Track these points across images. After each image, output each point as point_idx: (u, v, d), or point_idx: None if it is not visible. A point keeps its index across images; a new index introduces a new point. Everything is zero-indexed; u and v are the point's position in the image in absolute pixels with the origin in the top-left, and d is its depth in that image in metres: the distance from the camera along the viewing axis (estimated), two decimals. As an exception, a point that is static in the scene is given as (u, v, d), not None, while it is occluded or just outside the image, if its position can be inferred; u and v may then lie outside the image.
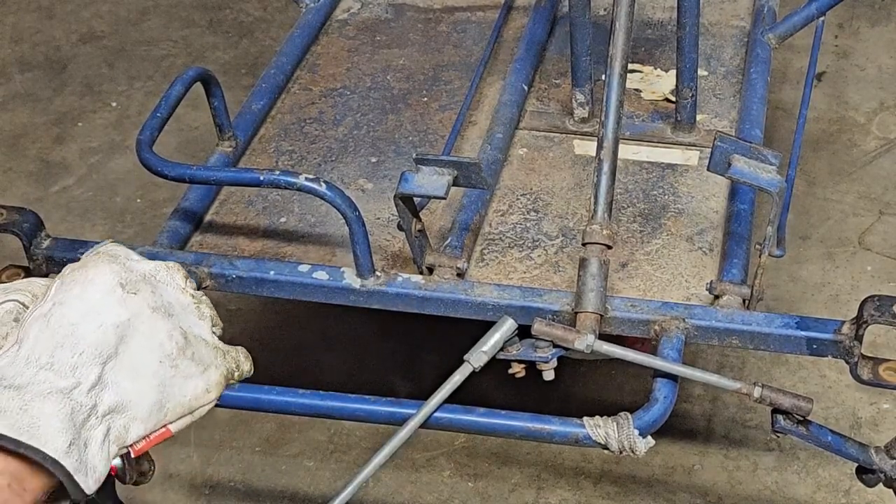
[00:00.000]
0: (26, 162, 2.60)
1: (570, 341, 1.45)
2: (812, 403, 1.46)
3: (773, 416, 1.48)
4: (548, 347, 1.47)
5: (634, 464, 1.89)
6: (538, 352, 1.47)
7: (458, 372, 1.43)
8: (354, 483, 1.38)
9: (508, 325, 1.46)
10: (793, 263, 2.19)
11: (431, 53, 2.11)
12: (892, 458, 1.49)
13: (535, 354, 1.47)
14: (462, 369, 1.44)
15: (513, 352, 1.47)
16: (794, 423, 1.48)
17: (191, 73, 1.76)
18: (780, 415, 1.48)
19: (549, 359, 1.46)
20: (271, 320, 2.17)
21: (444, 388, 1.43)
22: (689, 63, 1.81)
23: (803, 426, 1.49)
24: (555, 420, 1.46)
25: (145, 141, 1.67)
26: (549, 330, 1.46)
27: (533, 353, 1.47)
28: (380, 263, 1.68)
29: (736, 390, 1.44)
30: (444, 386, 1.43)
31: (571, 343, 1.45)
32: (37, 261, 1.68)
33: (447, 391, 1.43)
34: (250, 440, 2.00)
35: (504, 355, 1.47)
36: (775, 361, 2.05)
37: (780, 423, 1.48)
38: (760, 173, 1.52)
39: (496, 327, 1.46)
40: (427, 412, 1.43)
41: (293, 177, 1.56)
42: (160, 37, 2.94)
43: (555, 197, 1.81)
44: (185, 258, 1.67)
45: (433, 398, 1.43)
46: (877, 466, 1.49)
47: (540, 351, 1.47)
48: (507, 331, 1.46)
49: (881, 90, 2.59)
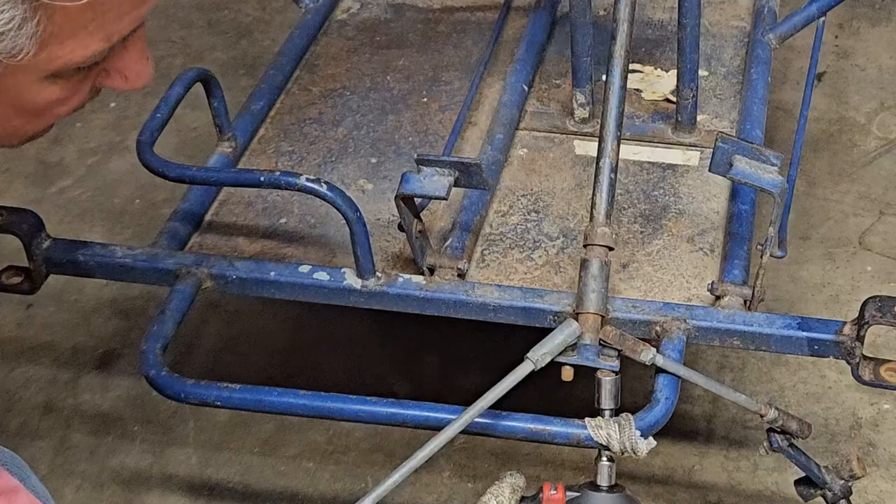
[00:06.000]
0: (24, 163, 2.59)
1: (637, 352, 1.43)
2: (811, 429, 1.55)
3: (769, 435, 1.54)
4: (614, 356, 1.44)
5: (634, 464, 1.88)
6: (604, 360, 1.44)
7: (518, 370, 1.38)
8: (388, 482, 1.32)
9: (573, 329, 1.41)
10: (793, 264, 2.19)
11: (431, 54, 2.11)
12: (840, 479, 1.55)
13: (602, 362, 1.44)
14: (522, 367, 1.38)
15: (572, 355, 1.44)
16: (788, 443, 1.55)
17: (191, 74, 1.76)
18: (776, 434, 1.54)
19: (616, 367, 1.44)
20: (271, 320, 2.17)
21: (501, 385, 1.36)
22: (689, 63, 1.81)
23: (792, 447, 1.55)
24: (556, 421, 1.46)
25: (146, 142, 1.67)
26: (621, 339, 1.44)
27: (597, 359, 1.44)
28: (380, 264, 1.68)
29: (756, 411, 1.50)
30: (501, 383, 1.36)
31: (638, 355, 1.43)
32: (36, 261, 1.68)
33: (504, 388, 1.36)
34: (249, 441, 1.99)
35: (564, 359, 1.42)
36: (775, 362, 2.05)
37: (776, 443, 1.54)
38: (762, 174, 1.52)
39: (560, 329, 1.41)
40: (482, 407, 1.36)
41: (294, 177, 1.56)
42: (158, 37, 2.93)
43: (555, 198, 1.81)
44: (185, 259, 1.67)
45: (487, 396, 1.36)
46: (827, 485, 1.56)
47: (604, 359, 1.44)
48: (572, 333, 1.41)
49: (881, 90, 2.58)
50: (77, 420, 2.04)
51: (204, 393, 1.52)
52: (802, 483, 1.59)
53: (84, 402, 2.08)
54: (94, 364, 2.14)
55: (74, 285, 2.19)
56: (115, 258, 1.68)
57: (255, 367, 2.10)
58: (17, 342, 2.19)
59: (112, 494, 1.93)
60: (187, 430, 2.02)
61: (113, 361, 2.14)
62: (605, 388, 1.44)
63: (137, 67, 1.12)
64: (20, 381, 2.12)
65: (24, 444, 1.99)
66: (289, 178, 1.57)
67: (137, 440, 2.01)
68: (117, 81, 1.12)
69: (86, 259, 1.68)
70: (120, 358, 2.14)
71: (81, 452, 1.99)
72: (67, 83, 1.06)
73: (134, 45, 1.10)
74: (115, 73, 1.11)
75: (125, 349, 2.15)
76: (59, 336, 2.19)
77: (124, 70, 1.11)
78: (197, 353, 2.13)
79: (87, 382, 2.11)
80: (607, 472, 1.42)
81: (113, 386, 2.09)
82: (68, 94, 1.08)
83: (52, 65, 1.02)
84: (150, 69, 1.13)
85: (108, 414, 2.05)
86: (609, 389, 1.44)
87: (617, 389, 1.44)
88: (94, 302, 2.24)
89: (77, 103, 1.11)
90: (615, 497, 1.42)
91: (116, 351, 2.15)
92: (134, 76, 1.12)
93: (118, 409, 2.06)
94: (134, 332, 2.16)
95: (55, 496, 1.90)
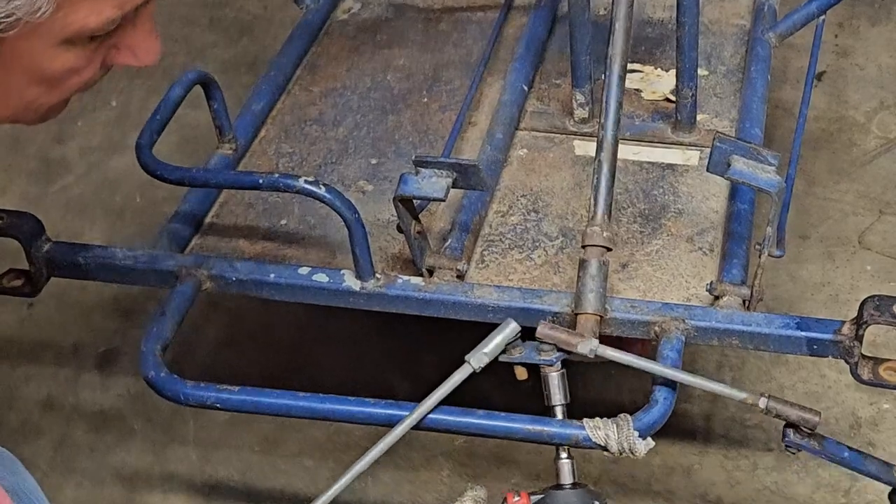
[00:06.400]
0: (26, 160, 2.60)
1: (573, 345, 1.45)
2: (820, 416, 1.43)
3: (784, 430, 1.46)
4: (552, 351, 1.46)
5: (633, 464, 1.89)
6: (542, 355, 1.46)
7: (458, 372, 1.44)
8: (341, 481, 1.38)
9: (511, 328, 1.46)
10: (792, 263, 2.19)
11: (431, 53, 2.11)
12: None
13: (540, 358, 1.46)
14: (462, 370, 1.44)
15: (515, 354, 1.47)
16: (804, 436, 1.46)
17: (190, 76, 1.76)
18: (790, 429, 1.46)
19: (554, 362, 1.46)
20: (271, 320, 2.17)
21: (442, 388, 1.44)
22: (688, 62, 1.81)
23: (815, 440, 1.47)
24: (554, 422, 1.46)
25: (145, 144, 1.67)
26: (553, 333, 1.46)
27: (537, 356, 1.46)
28: (380, 265, 1.68)
29: (742, 400, 1.44)
30: (442, 385, 1.44)
31: (575, 347, 1.45)
32: (37, 265, 1.68)
33: (445, 391, 1.44)
34: (249, 439, 2.00)
35: (507, 358, 1.46)
36: (775, 361, 2.05)
37: (789, 438, 1.46)
38: (759, 174, 1.52)
39: (499, 329, 1.46)
40: (423, 411, 1.44)
41: (293, 179, 1.57)
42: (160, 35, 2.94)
43: (555, 197, 1.81)
44: (186, 261, 1.67)
45: (430, 397, 1.43)
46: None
47: (544, 354, 1.46)
48: (510, 333, 1.45)
49: (881, 90, 2.58)
50: (78, 418, 2.05)
51: (202, 395, 1.53)
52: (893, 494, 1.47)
53: (85, 400, 2.08)
54: (95, 362, 2.14)
55: (76, 284, 2.18)
56: (115, 260, 1.68)
57: (256, 365, 2.10)
58: (18, 340, 2.19)
59: (112, 492, 1.94)
60: (187, 427, 2.02)
61: (114, 359, 2.14)
62: (552, 384, 1.46)
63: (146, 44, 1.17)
64: (21, 379, 2.12)
65: (25, 442, 1.99)
66: (287, 181, 1.57)
67: (138, 438, 2.02)
68: (128, 58, 1.17)
69: (86, 261, 1.68)
70: (121, 356, 2.15)
71: (82, 450, 2.00)
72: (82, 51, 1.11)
73: (143, 21, 1.15)
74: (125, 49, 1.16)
75: (126, 347, 2.15)
76: (60, 334, 2.20)
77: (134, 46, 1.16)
78: (197, 352, 2.13)
79: (88, 380, 2.11)
80: (568, 469, 1.45)
81: (113, 384, 2.10)
82: (82, 64, 1.13)
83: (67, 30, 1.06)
84: (158, 46, 1.18)
85: (109, 412, 2.06)
86: (556, 384, 1.46)
87: (564, 384, 1.46)
88: (96, 300, 2.24)
89: (90, 76, 1.15)
90: (578, 493, 1.44)
91: (117, 349, 2.16)
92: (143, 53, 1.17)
93: (119, 407, 2.06)
94: (135, 331, 2.16)
95: (55, 493, 1.91)
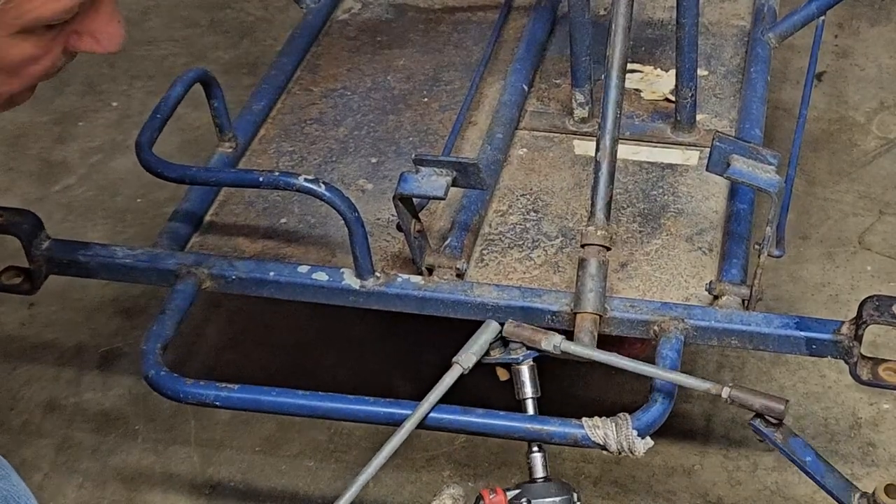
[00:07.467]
0: (27, 161, 2.60)
1: (537, 342, 1.46)
2: (785, 404, 1.42)
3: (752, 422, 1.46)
4: (520, 349, 1.48)
5: (634, 464, 1.89)
6: (512, 353, 1.48)
7: (449, 374, 1.45)
8: (355, 486, 1.38)
9: (493, 328, 1.48)
10: (792, 263, 2.19)
11: (432, 54, 2.11)
12: None
13: (510, 356, 1.48)
14: (452, 372, 1.45)
15: (494, 355, 1.48)
16: (769, 425, 1.45)
17: (190, 75, 1.77)
18: (758, 419, 1.45)
19: (521, 360, 1.47)
20: (271, 320, 2.18)
21: (435, 390, 1.45)
22: (688, 63, 1.81)
23: (781, 433, 1.46)
24: (553, 421, 1.47)
25: (145, 142, 1.68)
26: (518, 331, 1.48)
27: (508, 355, 1.48)
28: (379, 264, 1.68)
29: (705, 391, 1.43)
30: (436, 388, 1.45)
31: (539, 343, 1.46)
32: (36, 262, 1.69)
33: (439, 393, 1.45)
34: (251, 440, 2.00)
35: (487, 359, 1.49)
36: (775, 361, 2.05)
37: (755, 423, 1.46)
38: (759, 173, 1.52)
39: (482, 329, 1.48)
40: (421, 414, 1.44)
41: (292, 178, 1.57)
42: (161, 36, 2.94)
43: (554, 197, 1.81)
44: (185, 259, 1.68)
45: (426, 400, 1.44)
46: None
47: (512, 353, 1.48)
48: (492, 333, 1.48)
49: (881, 90, 2.58)
50: (79, 418, 2.05)
51: (202, 393, 1.53)
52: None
53: (86, 401, 2.08)
54: (97, 362, 2.14)
55: (77, 284, 2.19)
56: (115, 258, 1.68)
57: (257, 364, 2.10)
58: (19, 340, 2.19)
59: (114, 492, 1.94)
60: (189, 428, 2.02)
61: (115, 360, 2.14)
62: (522, 378, 1.48)
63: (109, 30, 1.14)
64: (23, 380, 2.12)
65: (27, 442, 2.00)
66: (287, 179, 1.58)
67: (139, 438, 2.02)
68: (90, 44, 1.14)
69: (86, 259, 1.68)
70: (122, 356, 2.15)
71: (83, 450, 2.00)
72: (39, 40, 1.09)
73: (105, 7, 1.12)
74: (86, 35, 1.13)
75: (127, 347, 2.15)
76: (62, 334, 2.20)
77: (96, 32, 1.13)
78: (199, 351, 2.13)
79: (90, 381, 2.11)
80: (540, 462, 1.48)
81: (115, 384, 2.10)
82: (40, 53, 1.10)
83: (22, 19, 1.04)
84: (121, 32, 1.15)
85: (110, 412, 2.06)
86: (526, 378, 1.48)
87: (534, 377, 1.48)
88: (97, 300, 2.25)
89: (50, 64, 1.13)
90: (551, 485, 1.47)
91: (118, 349, 2.16)
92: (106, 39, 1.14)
93: (120, 408, 2.07)
94: (136, 331, 2.16)
95: (57, 494, 1.91)
